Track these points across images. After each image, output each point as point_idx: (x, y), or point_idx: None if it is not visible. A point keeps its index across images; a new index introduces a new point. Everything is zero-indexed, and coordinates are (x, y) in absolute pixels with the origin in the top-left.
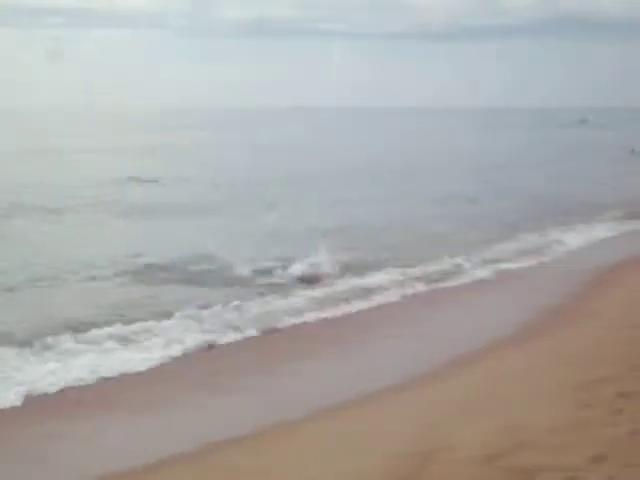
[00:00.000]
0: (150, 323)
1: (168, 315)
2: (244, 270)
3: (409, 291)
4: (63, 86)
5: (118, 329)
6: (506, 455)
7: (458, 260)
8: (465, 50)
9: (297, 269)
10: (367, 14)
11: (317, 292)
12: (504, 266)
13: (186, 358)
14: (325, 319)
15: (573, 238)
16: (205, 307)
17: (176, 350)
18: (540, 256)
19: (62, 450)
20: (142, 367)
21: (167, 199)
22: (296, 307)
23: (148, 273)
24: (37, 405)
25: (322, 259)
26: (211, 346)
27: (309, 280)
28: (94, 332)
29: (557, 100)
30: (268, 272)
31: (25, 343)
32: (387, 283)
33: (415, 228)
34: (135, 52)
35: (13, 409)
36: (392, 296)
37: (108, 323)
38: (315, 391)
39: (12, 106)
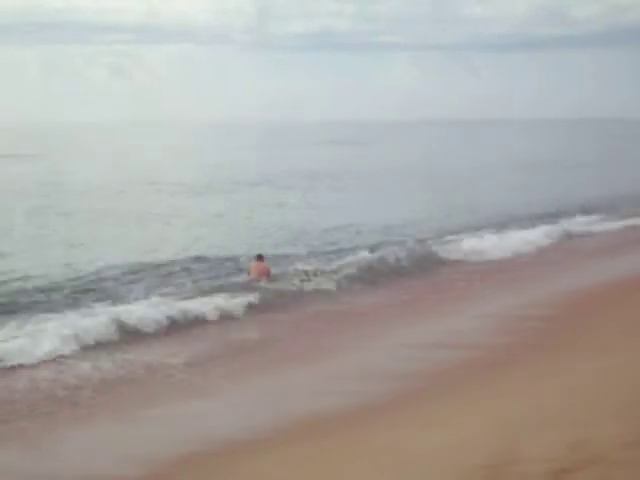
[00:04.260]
0: None
1: None
2: None
3: None
4: (133, 101)
5: None
6: (575, 470)
7: None
8: (528, 60)
9: None
10: (428, 26)
11: None
12: None
13: None
14: None
15: None
16: None
17: None
18: None
19: None
20: None
21: None
22: None
23: None
24: None
25: None
26: None
27: None
28: None
29: (632, 111)
30: None
31: None
32: None
33: None
34: (202, 67)
35: None
36: None
37: None
38: (382, 404)
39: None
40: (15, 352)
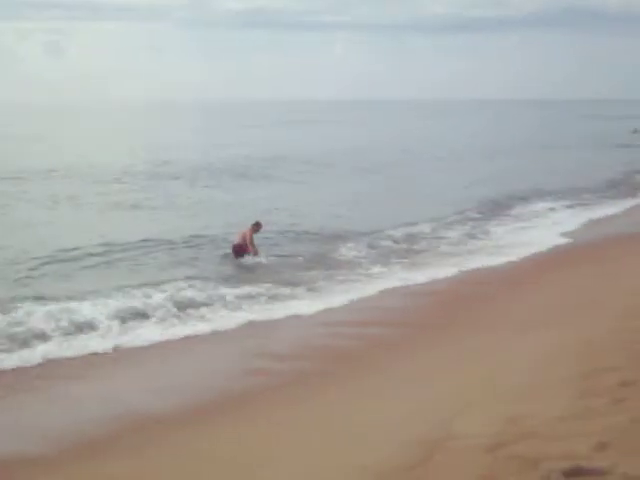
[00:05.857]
0: None
1: None
2: None
3: None
4: (66, 80)
5: None
6: (510, 444)
7: None
8: (468, 42)
9: None
10: (369, 6)
11: None
12: None
13: None
14: None
15: None
16: None
17: None
18: None
19: None
20: None
21: None
22: None
23: None
24: None
25: None
26: None
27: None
28: None
29: (564, 93)
30: None
31: None
32: None
33: None
34: (135, 44)
35: None
36: None
37: None
38: (316, 381)
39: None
40: None
